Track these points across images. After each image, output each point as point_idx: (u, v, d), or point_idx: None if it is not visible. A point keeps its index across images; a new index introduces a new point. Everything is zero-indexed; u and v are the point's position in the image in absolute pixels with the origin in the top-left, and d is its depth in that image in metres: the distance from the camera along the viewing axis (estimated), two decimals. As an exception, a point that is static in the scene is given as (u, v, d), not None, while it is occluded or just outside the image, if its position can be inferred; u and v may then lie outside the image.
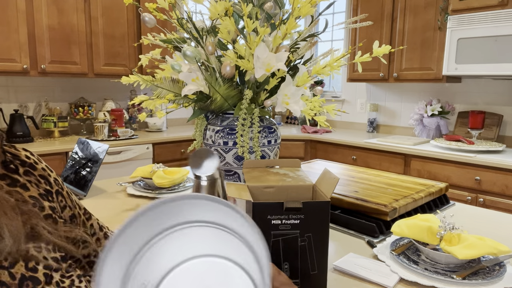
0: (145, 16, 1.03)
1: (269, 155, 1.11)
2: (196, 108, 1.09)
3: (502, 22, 2.38)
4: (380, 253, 0.94)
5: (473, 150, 2.52)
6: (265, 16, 1.02)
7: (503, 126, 2.81)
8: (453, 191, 2.47)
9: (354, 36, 3.30)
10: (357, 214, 1.12)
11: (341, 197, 1.17)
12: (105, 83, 3.38)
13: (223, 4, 0.94)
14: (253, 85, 1.01)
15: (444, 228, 0.87)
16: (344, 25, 1.10)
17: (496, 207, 2.30)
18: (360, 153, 3.00)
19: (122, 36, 3.11)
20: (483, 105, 2.90)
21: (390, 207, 1.08)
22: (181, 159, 3.17)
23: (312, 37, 1.06)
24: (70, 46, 2.83)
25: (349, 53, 1.01)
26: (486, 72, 2.48)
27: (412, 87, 3.30)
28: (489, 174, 2.36)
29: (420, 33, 2.87)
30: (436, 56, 2.79)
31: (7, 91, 2.90)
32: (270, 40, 0.96)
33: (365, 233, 1.07)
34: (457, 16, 2.57)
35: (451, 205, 1.36)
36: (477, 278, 0.81)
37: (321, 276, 0.74)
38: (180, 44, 1.05)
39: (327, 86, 3.97)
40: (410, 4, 2.91)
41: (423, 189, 1.27)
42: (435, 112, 2.98)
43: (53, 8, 2.73)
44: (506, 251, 0.84)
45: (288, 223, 0.72)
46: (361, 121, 3.68)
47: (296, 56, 1.05)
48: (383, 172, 1.51)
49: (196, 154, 0.35)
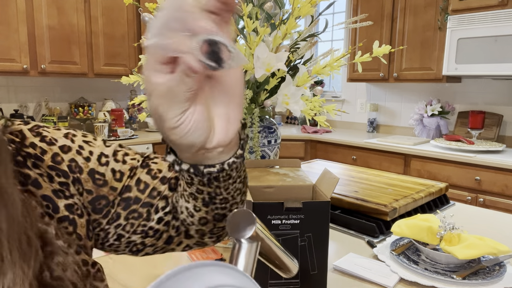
0: (145, 16, 1.03)
1: (269, 155, 1.11)
2: (196, 108, 1.09)
3: (502, 22, 2.38)
4: (380, 253, 0.94)
5: (473, 150, 2.52)
6: (265, 16, 1.02)
7: (503, 126, 2.81)
8: (453, 191, 2.47)
9: (354, 36, 3.30)
10: (357, 214, 1.12)
11: (341, 197, 1.17)
12: (105, 83, 3.38)
13: (223, 4, 0.94)
14: (253, 85, 1.01)
15: (444, 228, 0.87)
16: (344, 25, 1.10)
17: (496, 207, 2.30)
18: (360, 153, 3.00)
19: (122, 36, 3.11)
20: (483, 105, 2.90)
21: (390, 207, 1.08)
22: (181, 159, 3.17)
23: (312, 37, 1.06)
24: (70, 46, 2.83)
25: (349, 53, 1.01)
26: (486, 72, 2.48)
27: (412, 87, 3.30)
28: (489, 174, 2.36)
29: (420, 33, 2.87)
30: (436, 56, 2.79)
31: (7, 91, 2.90)
32: (270, 40, 0.96)
33: (365, 233, 1.07)
34: (457, 16, 2.57)
35: (451, 205, 1.36)
36: (477, 278, 0.81)
37: (321, 276, 0.74)
38: (180, 44, 1.05)
39: (327, 86, 3.97)
40: (410, 4, 2.91)
41: (423, 189, 1.27)
42: (435, 112, 2.98)
43: (53, 8, 2.73)
44: (506, 251, 0.84)
45: (288, 223, 0.72)
46: (361, 121, 3.68)
47: (296, 56, 1.05)
48: (383, 172, 1.51)
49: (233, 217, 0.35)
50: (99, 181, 0.47)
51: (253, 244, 0.35)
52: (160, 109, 0.33)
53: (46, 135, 0.46)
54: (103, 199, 0.47)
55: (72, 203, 0.45)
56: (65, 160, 0.46)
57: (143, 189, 0.49)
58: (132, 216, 0.48)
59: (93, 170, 0.47)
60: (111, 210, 0.48)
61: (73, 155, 0.46)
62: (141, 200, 0.49)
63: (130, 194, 0.48)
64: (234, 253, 0.43)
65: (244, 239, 0.34)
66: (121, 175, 0.49)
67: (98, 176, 0.47)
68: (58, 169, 0.45)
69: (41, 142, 0.45)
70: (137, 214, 0.48)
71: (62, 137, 0.47)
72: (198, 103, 0.34)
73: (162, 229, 0.49)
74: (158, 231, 0.49)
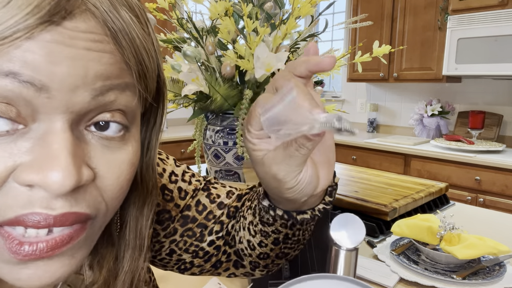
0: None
1: (269, 155, 1.11)
2: (196, 108, 1.09)
3: (502, 22, 2.38)
4: (380, 253, 0.94)
5: (473, 150, 2.52)
6: (265, 16, 1.02)
7: (503, 126, 2.81)
8: (453, 191, 2.47)
9: (354, 36, 3.30)
10: (357, 214, 1.12)
11: (341, 197, 1.17)
12: (105, 83, 3.38)
13: (223, 4, 0.94)
14: (253, 85, 1.01)
15: (444, 228, 0.87)
16: (344, 25, 1.10)
17: (496, 207, 2.30)
18: (360, 153, 3.00)
19: (122, 36, 3.10)
20: (483, 105, 2.89)
21: (390, 207, 1.08)
22: (181, 159, 3.17)
23: (312, 37, 1.06)
24: (70, 46, 2.83)
25: (349, 53, 1.01)
26: (486, 72, 2.48)
27: (412, 87, 3.30)
28: (489, 174, 2.36)
29: (420, 33, 2.87)
30: (436, 56, 2.79)
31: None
32: (270, 40, 0.96)
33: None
34: (457, 16, 2.57)
35: (451, 205, 1.36)
36: (477, 278, 0.81)
37: (321, 276, 0.74)
38: (180, 44, 1.05)
39: (327, 86, 3.97)
40: (410, 4, 2.91)
41: (423, 189, 1.27)
42: (435, 112, 2.98)
43: (53, 8, 2.73)
44: (506, 251, 0.84)
45: (288, 223, 0.71)
46: (361, 121, 3.68)
47: (296, 56, 1.05)
48: (383, 172, 1.51)
49: (338, 220, 0.34)
50: (167, 196, 0.50)
51: (353, 252, 0.34)
52: (281, 175, 0.34)
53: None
54: (167, 213, 0.50)
55: None
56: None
57: (201, 211, 0.51)
58: (187, 234, 0.51)
59: (164, 185, 0.50)
60: (170, 224, 0.50)
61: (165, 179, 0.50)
62: (197, 220, 0.51)
63: (189, 213, 0.51)
64: (330, 257, 0.42)
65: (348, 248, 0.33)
66: (185, 194, 0.51)
67: (167, 192, 0.50)
68: None
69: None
70: (192, 233, 0.51)
71: None
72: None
73: (212, 252, 0.51)
74: (208, 253, 0.51)
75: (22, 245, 0.25)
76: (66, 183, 0.24)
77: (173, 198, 0.50)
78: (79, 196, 0.26)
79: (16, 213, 0.25)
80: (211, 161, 1.05)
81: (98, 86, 0.26)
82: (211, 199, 0.52)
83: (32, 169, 0.24)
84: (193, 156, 1.12)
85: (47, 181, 0.24)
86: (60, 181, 0.24)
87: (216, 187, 0.54)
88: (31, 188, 0.25)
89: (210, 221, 0.51)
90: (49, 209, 0.25)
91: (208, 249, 0.51)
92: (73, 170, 0.24)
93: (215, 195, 0.53)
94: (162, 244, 0.50)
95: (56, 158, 0.24)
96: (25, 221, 0.25)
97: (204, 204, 0.52)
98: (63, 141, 0.25)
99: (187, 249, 0.51)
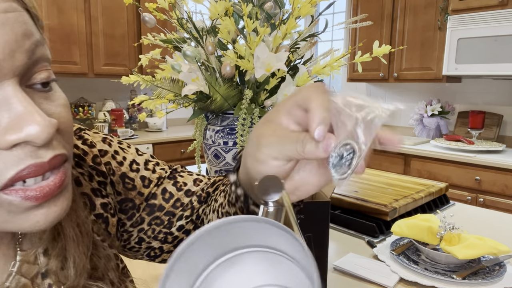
0: (145, 16, 1.03)
1: (269, 155, 1.11)
2: (196, 108, 1.09)
3: (502, 22, 2.38)
4: (380, 253, 0.94)
5: (473, 150, 2.52)
6: (265, 16, 1.02)
7: (503, 126, 2.81)
8: (453, 191, 2.47)
9: (354, 36, 3.30)
10: (357, 214, 1.12)
11: (341, 197, 1.17)
12: (105, 83, 3.38)
13: (223, 4, 0.94)
14: (253, 85, 1.01)
15: (444, 228, 0.87)
16: (344, 25, 1.10)
17: (496, 207, 2.30)
18: (360, 153, 3.00)
19: (122, 36, 3.10)
20: (483, 105, 2.89)
21: (390, 207, 1.08)
22: (181, 159, 3.17)
23: (312, 37, 1.06)
24: (70, 46, 2.83)
25: (349, 53, 1.01)
26: (486, 72, 2.48)
27: (412, 87, 3.30)
28: (489, 174, 2.36)
29: (420, 33, 2.87)
30: (436, 56, 2.79)
31: (7, 91, 2.90)
32: (270, 40, 0.96)
33: (365, 233, 1.07)
34: (457, 16, 2.57)
35: (451, 205, 1.36)
36: (477, 278, 0.81)
37: (321, 276, 0.74)
38: (180, 44, 1.05)
39: (327, 86, 3.97)
40: (410, 4, 2.90)
41: (423, 189, 1.27)
42: (435, 112, 2.98)
43: (53, 8, 2.73)
44: (506, 251, 0.84)
45: (288, 223, 0.71)
46: (361, 121, 3.68)
47: (296, 56, 1.05)
48: (383, 172, 1.51)
49: (263, 181, 0.35)
50: (128, 185, 0.50)
51: (279, 209, 0.35)
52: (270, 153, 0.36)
53: (87, 138, 0.49)
54: (130, 202, 0.50)
55: (107, 202, 0.48)
56: (102, 162, 0.49)
57: (167, 199, 0.52)
58: (155, 222, 0.51)
59: (124, 174, 0.50)
60: (136, 213, 0.51)
61: (108, 159, 0.50)
62: (165, 209, 0.51)
63: (155, 201, 0.51)
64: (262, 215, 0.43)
65: (272, 201, 0.35)
66: (149, 182, 0.52)
67: (128, 180, 0.50)
68: (98, 169, 0.48)
69: (83, 144, 0.48)
70: (160, 221, 0.51)
71: (100, 141, 0.50)
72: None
73: (181, 237, 0.52)
74: (177, 238, 0.52)
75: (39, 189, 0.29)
76: (47, 131, 0.28)
77: (135, 187, 0.51)
78: (55, 141, 0.31)
79: (13, 171, 0.28)
80: (211, 161, 1.05)
81: (28, 46, 0.29)
82: (177, 187, 0.53)
83: (13, 130, 0.27)
84: (193, 156, 1.12)
85: (31, 135, 0.27)
86: (42, 131, 0.27)
87: (182, 176, 0.55)
88: (16, 147, 0.28)
89: (177, 208, 0.52)
90: (39, 158, 0.29)
91: (177, 234, 0.52)
92: (47, 120, 0.28)
93: (182, 183, 0.53)
94: (131, 233, 0.51)
95: (29, 113, 0.27)
96: (24, 175, 0.28)
97: (170, 192, 0.52)
98: (25, 99, 0.28)
99: (156, 236, 0.52)
